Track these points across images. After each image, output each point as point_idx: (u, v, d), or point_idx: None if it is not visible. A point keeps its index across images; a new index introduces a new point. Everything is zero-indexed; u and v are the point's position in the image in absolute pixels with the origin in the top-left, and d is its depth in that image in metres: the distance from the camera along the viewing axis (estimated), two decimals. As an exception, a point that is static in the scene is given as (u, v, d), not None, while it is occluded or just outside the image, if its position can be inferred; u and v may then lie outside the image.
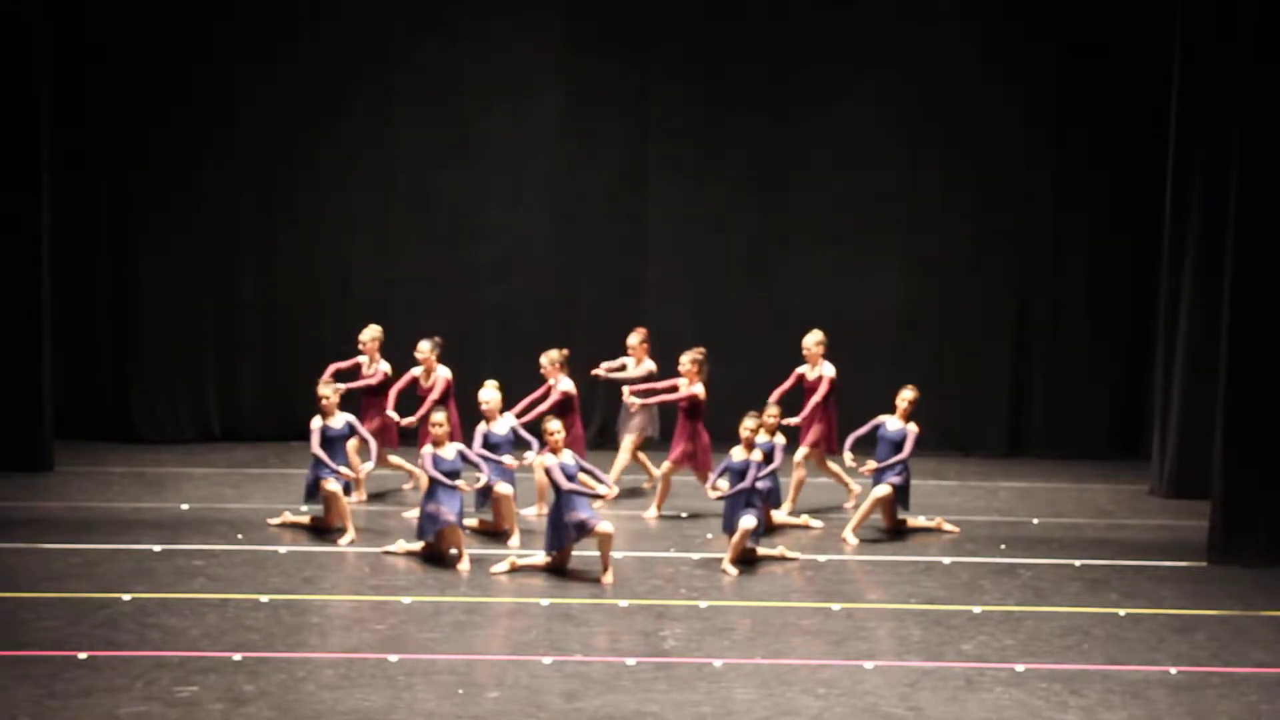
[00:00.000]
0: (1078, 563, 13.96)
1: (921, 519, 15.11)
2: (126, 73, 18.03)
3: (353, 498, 15.15)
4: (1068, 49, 18.48)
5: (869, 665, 11.05)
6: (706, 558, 13.78)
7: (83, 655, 10.79)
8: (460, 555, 13.34)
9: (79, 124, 17.94)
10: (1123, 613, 12.45)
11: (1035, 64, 18.56)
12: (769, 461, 13.95)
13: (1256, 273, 13.75)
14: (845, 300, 18.49)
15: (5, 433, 16.45)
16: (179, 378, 18.40)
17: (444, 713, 10.01)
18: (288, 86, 18.33)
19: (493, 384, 14.55)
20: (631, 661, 11.01)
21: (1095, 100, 18.48)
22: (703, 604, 12.42)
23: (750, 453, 13.57)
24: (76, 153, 17.96)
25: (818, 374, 15.48)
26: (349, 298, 18.28)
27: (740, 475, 13.51)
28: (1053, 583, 13.30)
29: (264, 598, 12.27)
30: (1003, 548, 14.41)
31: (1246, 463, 13.80)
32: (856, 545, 14.38)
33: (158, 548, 13.65)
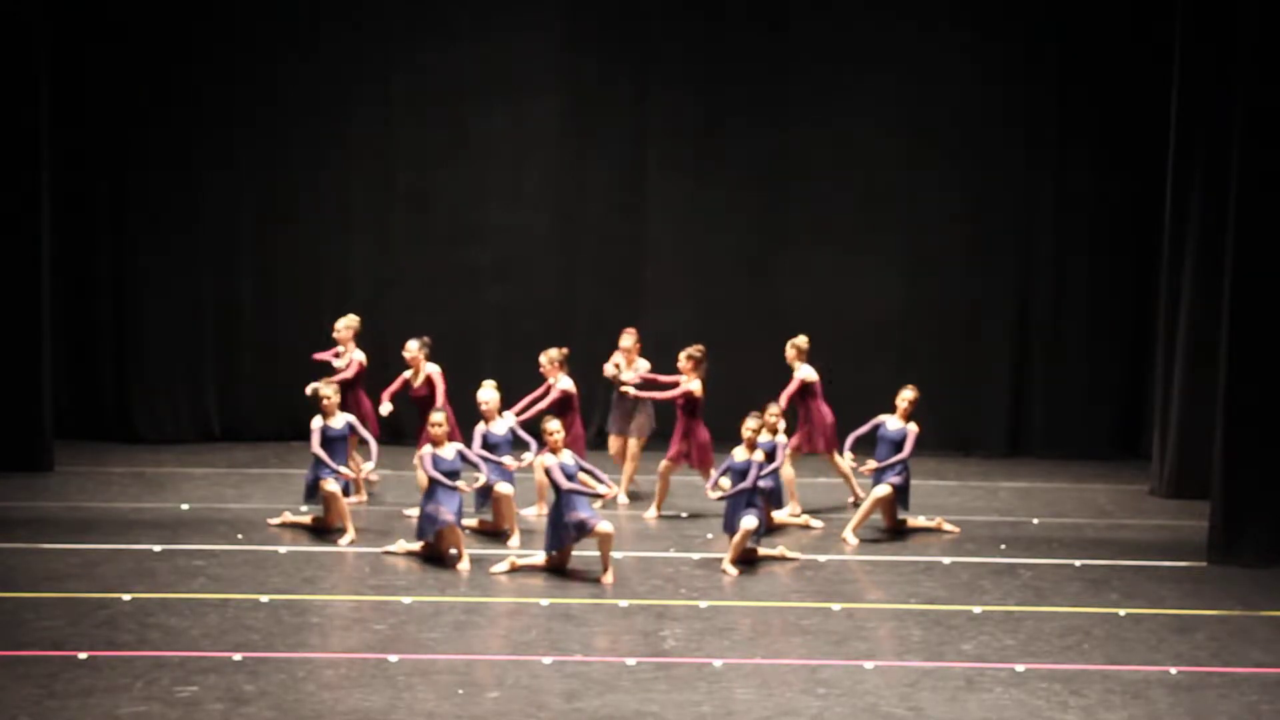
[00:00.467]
0: (1078, 563, 13.96)
1: (921, 519, 15.11)
2: (126, 72, 18.03)
3: (352, 498, 15.15)
4: (1068, 49, 18.48)
5: (869, 665, 11.04)
6: (706, 558, 13.77)
7: (83, 655, 10.78)
8: (460, 555, 13.34)
9: (79, 124, 17.95)
10: (1123, 613, 12.45)
11: (1035, 64, 18.56)
12: (771, 461, 13.96)
13: (1256, 273, 13.74)
14: (845, 300, 18.51)
15: (5, 433, 16.44)
16: (179, 378, 18.41)
17: (444, 713, 10.00)
18: (288, 86, 18.33)
19: (491, 384, 14.55)
20: (632, 661, 11.01)
21: (1095, 101, 18.47)
22: (703, 604, 12.42)
23: (752, 453, 13.58)
24: (76, 153, 17.97)
25: (798, 377, 15.49)
26: (349, 298, 18.25)
27: (742, 475, 13.51)
28: (1053, 583, 13.30)
29: (264, 598, 12.26)
30: (1003, 548, 14.41)
31: (1246, 463, 13.79)
32: (857, 545, 14.38)
33: (158, 548, 13.64)
